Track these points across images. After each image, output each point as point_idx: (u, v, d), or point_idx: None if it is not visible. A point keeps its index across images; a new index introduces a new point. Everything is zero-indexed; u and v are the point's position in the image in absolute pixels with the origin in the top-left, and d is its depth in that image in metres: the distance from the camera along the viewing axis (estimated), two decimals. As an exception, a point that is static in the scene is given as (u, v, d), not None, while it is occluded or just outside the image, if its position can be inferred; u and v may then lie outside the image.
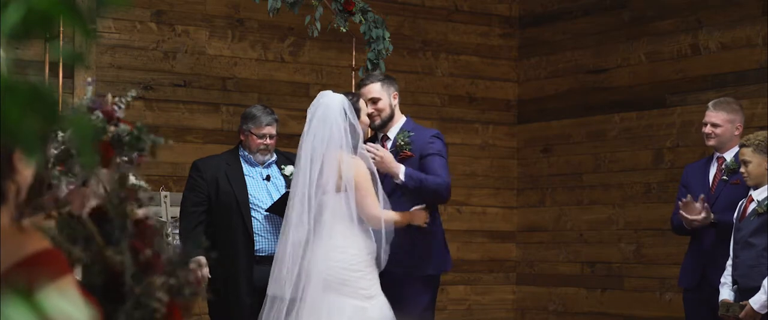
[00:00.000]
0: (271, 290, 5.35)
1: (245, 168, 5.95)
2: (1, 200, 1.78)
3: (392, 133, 5.78)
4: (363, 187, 5.34)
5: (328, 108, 5.36)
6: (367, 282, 5.32)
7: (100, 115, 3.46)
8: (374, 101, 5.72)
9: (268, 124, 5.90)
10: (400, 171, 5.53)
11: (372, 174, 5.39)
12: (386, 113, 5.76)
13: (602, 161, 8.03)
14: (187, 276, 2.06)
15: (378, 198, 5.36)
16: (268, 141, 5.89)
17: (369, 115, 5.69)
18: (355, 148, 5.40)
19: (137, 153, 4.16)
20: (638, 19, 7.81)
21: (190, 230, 5.79)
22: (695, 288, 5.94)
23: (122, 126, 4.24)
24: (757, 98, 6.99)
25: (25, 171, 1.82)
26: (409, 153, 5.68)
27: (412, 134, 5.73)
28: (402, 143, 5.70)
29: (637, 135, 7.79)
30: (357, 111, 5.44)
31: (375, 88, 5.75)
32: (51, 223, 2.06)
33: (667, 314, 7.42)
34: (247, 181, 5.89)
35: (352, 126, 5.38)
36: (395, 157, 5.64)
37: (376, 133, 5.86)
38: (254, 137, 5.90)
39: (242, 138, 5.99)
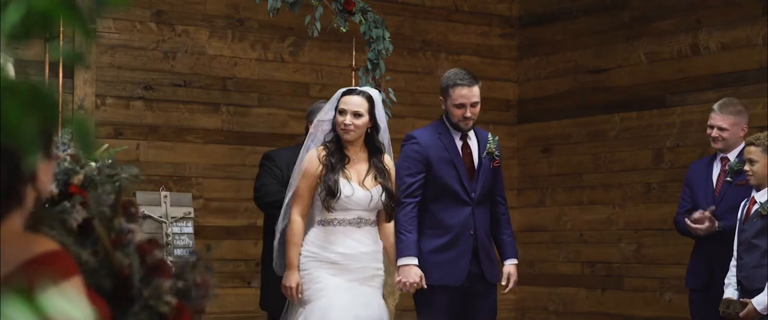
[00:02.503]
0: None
1: None
2: (20, 204, 1.80)
3: (472, 134, 5.56)
4: (293, 180, 5.28)
5: (328, 105, 5.40)
6: (304, 285, 5.16)
7: (67, 158, 3.47)
8: (474, 105, 5.45)
9: None
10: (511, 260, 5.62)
11: (322, 170, 5.19)
12: (476, 117, 5.55)
13: (602, 161, 8.03)
14: (196, 279, 2.06)
15: (301, 199, 5.18)
16: None
17: (465, 118, 5.45)
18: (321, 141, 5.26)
19: (114, 189, 4.16)
20: (638, 19, 7.81)
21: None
22: (702, 289, 5.94)
23: (89, 167, 4.25)
24: (757, 98, 6.99)
25: (45, 178, 1.84)
26: (498, 161, 5.54)
27: (497, 139, 5.57)
28: (494, 152, 5.52)
29: (637, 135, 7.79)
30: (338, 106, 5.28)
31: (477, 92, 5.49)
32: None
33: (667, 314, 7.42)
34: None
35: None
36: (489, 166, 5.49)
37: (451, 130, 5.54)
38: None
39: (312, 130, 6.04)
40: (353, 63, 6.89)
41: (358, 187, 5.20)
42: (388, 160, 5.37)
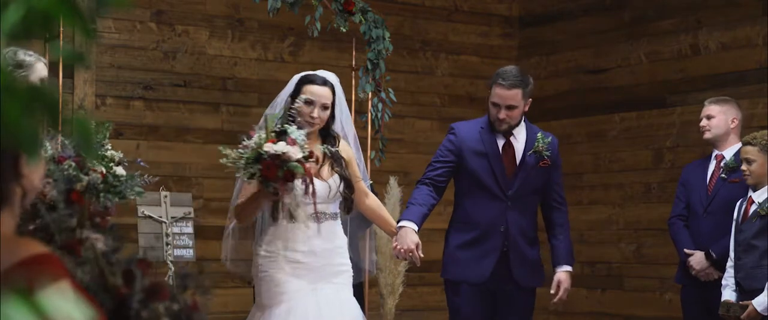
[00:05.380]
0: None
1: None
2: (6, 202, 1.78)
3: (519, 132, 5.35)
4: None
5: (281, 92, 5.04)
6: (262, 288, 4.78)
7: (73, 163, 3.44)
8: (510, 108, 5.23)
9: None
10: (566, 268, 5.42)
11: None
12: (516, 121, 5.30)
13: (602, 161, 8.03)
14: (188, 302, 2.05)
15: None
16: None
17: (499, 119, 5.25)
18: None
19: (116, 200, 4.14)
20: (638, 19, 7.81)
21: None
22: (693, 285, 5.95)
23: (93, 174, 4.24)
24: (757, 98, 6.99)
25: (32, 175, 1.82)
26: (548, 161, 5.33)
27: (548, 140, 5.34)
28: (543, 151, 5.32)
29: (637, 135, 7.79)
30: (297, 93, 4.87)
31: (515, 96, 5.24)
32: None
33: (667, 314, 7.42)
34: None
35: (290, 113, 4.82)
36: (534, 165, 5.30)
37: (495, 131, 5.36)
38: None
39: None
40: (353, 63, 6.89)
41: (315, 179, 4.71)
42: (345, 147, 4.95)
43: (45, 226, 2.09)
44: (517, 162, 5.32)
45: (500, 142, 5.33)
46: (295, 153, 4.46)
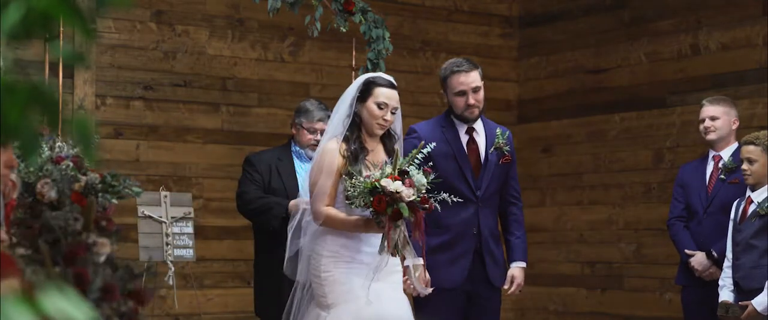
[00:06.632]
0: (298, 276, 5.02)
1: (296, 163, 5.84)
2: None
3: (480, 127, 5.32)
4: (312, 176, 4.79)
5: (345, 93, 4.93)
6: (326, 288, 4.74)
7: (70, 164, 3.41)
8: (475, 91, 5.23)
9: (319, 119, 5.74)
10: (519, 265, 5.35)
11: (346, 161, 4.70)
12: (482, 105, 5.28)
13: (602, 161, 8.03)
14: (129, 304, 2.04)
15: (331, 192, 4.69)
16: (319, 136, 5.58)
17: (469, 106, 5.22)
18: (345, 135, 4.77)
19: (114, 199, 4.14)
20: (638, 19, 7.81)
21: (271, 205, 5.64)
22: (694, 286, 5.95)
23: (91, 175, 4.23)
24: (757, 98, 6.99)
25: None
26: (509, 157, 5.30)
27: (506, 135, 5.31)
28: (504, 147, 5.29)
29: (637, 135, 7.79)
30: (366, 96, 4.83)
31: (477, 77, 5.25)
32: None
33: (667, 314, 7.42)
34: (298, 177, 5.74)
35: (356, 114, 4.80)
36: (497, 162, 5.26)
37: (455, 122, 5.31)
38: (305, 131, 5.78)
39: (294, 132, 5.91)
40: (353, 63, 6.88)
41: None
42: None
43: (49, 228, 2.08)
44: (482, 160, 5.27)
45: (464, 139, 5.28)
46: (408, 194, 4.47)
